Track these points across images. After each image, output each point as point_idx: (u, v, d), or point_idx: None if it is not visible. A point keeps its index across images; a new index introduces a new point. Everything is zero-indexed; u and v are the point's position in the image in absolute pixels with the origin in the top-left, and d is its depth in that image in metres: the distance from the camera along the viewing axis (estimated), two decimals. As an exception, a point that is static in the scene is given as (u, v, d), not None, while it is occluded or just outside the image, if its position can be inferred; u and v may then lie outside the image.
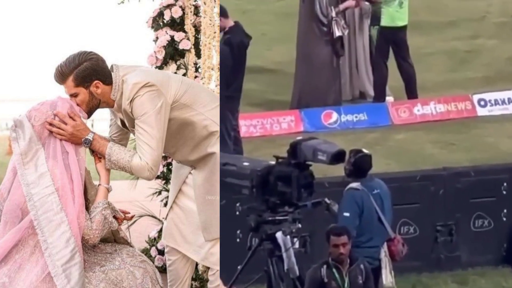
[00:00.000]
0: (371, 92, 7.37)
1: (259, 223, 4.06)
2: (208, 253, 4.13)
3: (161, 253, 6.21)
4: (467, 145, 6.82)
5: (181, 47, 6.40)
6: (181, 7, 6.44)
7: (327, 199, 4.07)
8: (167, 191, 6.13)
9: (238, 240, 5.55)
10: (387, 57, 7.31)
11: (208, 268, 4.45)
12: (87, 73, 3.77)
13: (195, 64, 6.45)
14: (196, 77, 6.29)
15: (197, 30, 6.44)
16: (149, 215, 6.80)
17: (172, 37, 6.41)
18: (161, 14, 6.51)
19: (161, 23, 6.54)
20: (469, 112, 7.30)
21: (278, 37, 8.00)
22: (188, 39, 6.41)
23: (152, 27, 6.60)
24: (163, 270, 4.63)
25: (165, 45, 6.39)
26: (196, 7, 6.51)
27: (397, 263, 4.85)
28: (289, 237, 4.08)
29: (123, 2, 6.90)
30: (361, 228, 4.76)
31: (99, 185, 3.82)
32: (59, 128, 3.70)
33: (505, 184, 6.09)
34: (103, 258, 3.76)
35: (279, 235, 4.08)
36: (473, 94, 7.36)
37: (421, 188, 6.02)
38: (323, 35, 7.01)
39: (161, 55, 6.42)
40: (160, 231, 6.28)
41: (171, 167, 5.37)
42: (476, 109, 7.31)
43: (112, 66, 3.89)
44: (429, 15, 8.63)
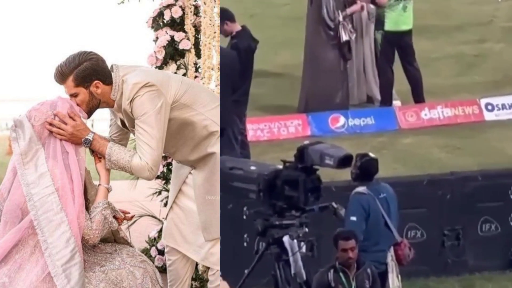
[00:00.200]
0: (379, 96, 7.36)
1: (266, 227, 4.07)
2: (208, 253, 4.11)
3: (161, 253, 6.20)
4: (474, 149, 6.80)
5: (181, 47, 6.39)
6: (181, 7, 6.42)
7: (334, 203, 4.08)
8: (167, 191, 6.12)
9: (245, 244, 5.55)
10: (392, 61, 7.30)
11: (208, 268, 4.43)
12: (87, 73, 3.76)
13: (195, 64, 6.43)
14: (196, 77, 6.28)
15: (197, 30, 6.43)
16: (149, 215, 6.78)
17: (172, 37, 6.39)
18: (161, 14, 6.49)
19: (161, 23, 6.52)
20: (476, 116, 7.28)
21: (285, 41, 8.01)
22: (188, 39, 6.40)
23: (152, 27, 6.59)
24: (163, 270, 4.61)
25: (165, 45, 6.38)
26: (196, 7, 6.49)
27: (404, 267, 4.84)
28: (296, 241, 4.09)
29: (123, 2, 6.88)
30: (368, 232, 4.76)
31: (99, 185, 3.81)
32: (59, 128, 3.69)
33: (512, 188, 6.08)
34: (103, 258, 3.75)
35: (286, 239, 4.09)
36: (480, 98, 7.34)
37: (428, 192, 6.01)
38: (330, 39, 7.01)
39: (161, 55, 6.41)
40: (160, 231, 6.27)
41: (171, 167, 5.37)
42: (483, 114, 7.29)
43: (112, 66, 3.89)
44: (437, 19, 8.64)
